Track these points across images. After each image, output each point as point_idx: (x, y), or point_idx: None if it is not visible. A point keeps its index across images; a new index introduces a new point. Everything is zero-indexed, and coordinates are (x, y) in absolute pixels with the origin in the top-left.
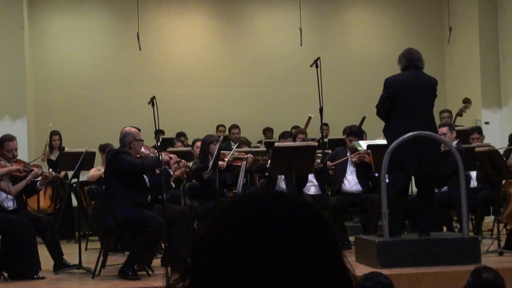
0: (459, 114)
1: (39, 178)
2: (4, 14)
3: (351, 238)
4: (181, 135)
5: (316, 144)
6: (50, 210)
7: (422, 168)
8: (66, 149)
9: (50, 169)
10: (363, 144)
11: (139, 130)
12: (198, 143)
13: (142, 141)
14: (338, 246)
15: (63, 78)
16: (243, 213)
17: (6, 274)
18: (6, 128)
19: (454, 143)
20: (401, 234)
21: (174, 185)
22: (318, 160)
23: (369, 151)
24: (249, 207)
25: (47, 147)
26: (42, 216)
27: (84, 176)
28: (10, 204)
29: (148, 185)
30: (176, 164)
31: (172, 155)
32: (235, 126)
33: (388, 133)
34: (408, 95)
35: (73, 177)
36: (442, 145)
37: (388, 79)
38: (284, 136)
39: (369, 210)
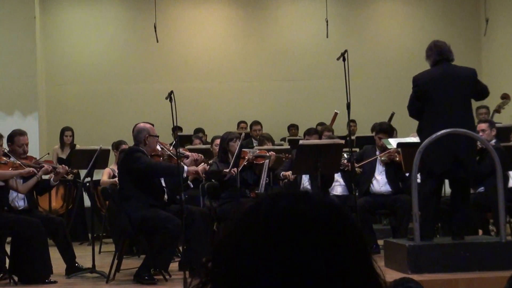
0: (497, 110)
1: (52, 175)
2: (14, 3)
3: (380, 242)
4: (199, 131)
5: (343, 141)
6: (62, 211)
7: (455, 168)
8: (78, 147)
9: (63, 164)
10: (393, 142)
11: (153, 125)
12: (218, 141)
13: (158, 136)
14: (367, 249)
15: (76, 72)
16: (265, 215)
17: (16, 278)
18: (17, 124)
19: (493, 141)
20: (433, 237)
21: (192, 185)
22: (345, 161)
23: (399, 149)
24: (271, 208)
25: (56, 153)
26: (53, 217)
27: (97, 175)
28: (20, 204)
29: (164, 184)
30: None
31: (194, 154)
32: (257, 123)
33: (421, 133)
34: (439, 91)
35: (86, 176)
36: (479, 142)
37: (415, 77)
38: (309, 133)
39: (399, 212)
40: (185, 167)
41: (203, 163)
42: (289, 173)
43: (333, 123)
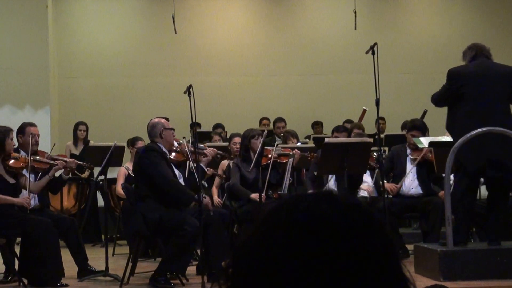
0: None
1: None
2: None
3: (410, 247)
4: (218, 127)
5: (371, 140)
6: (74, 210)
7: (490, 167)
8: (92, 143)
9: (72, 159)
10: (424, 141)
11: (168, 120)
12: (236, 139)
13: (173, 129)
14: (397, 254)
15: (90, 64)
16: (287, 216)
17: (25, 281)
18: (27, 118)
19: None
20: (467, 242)
21: (207, 185)
22: (372, 163)
23: (431, 149)
24: (294, 209)
25: (69, 149)
26: (65, 217)
27: (112, 173)
28: (31, 202)
29: (183, 183)
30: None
31: (212, 151)
32: (280, 119)
33: (453, 131)
34: (476, 87)
35: (99, 174)
36: None
37: (451, 71)
38: (338, 130)
39: (430, 215)
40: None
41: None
42: None
43: (362, 121)
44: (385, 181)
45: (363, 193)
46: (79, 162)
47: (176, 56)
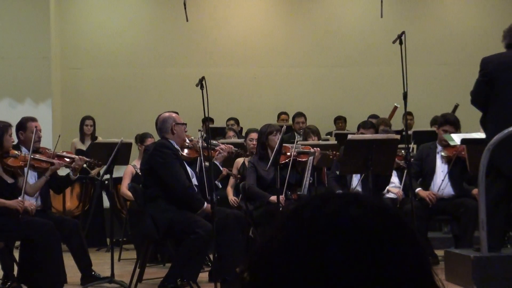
0: None
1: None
2: None
3: (440, 252)
4: (230, 120)
5: (398, 137)
6: (77, 212)
7: None
8: (99, 139)
9: (80, 156)
10: (456, 138)
11: (177, 113)
12: (253, 135)
13: (185, 124)
14: (427, 260)
15: (95, 54)
16: (310, 220)
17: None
18: (28, 113)
19: None
20: (502, 248)
21: (220, 185)
22: (400, 161)
23: (463, 146)
24: (317, 212)
25: (74, 147)
26: (68, 219)
27: (118, 172)
28: (33, 203)
29: (197, 182)
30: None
31: (227, 147)
32: (300, 114)
33: (486, 126)
34: (508, 79)
35: (105, 172)
36: None
37: (484, 59)
38: (365, 126)
39: (463, 218)
40: (205, 205)
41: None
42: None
43: (392, 118)
44: (420, 189)
45: (391, 195)
46: (87, 159)
47: (187, 46)
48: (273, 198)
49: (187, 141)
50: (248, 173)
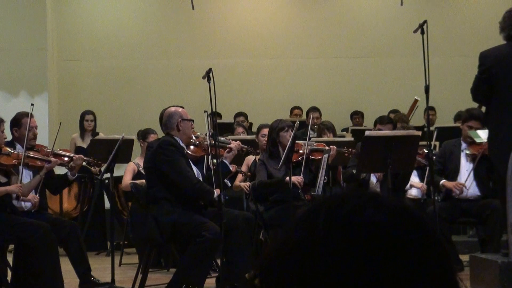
0: None
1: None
2: None
3: (464, 257)
4: (239, 115)
5: (420, 133)
6: (75, 213)
7: None
8: (101, 135)
9: (79, 155)
10: (482, 135)
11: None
12: (265, 130)
13: (192, 121)
14: (452, 266)
15: (94, 45)
16: (325, 222)
17: None
18: (23, 107)
19: None
20: None
21: (229, 184)
22: (422, 159)
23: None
24: (332, 215)
25: (74, 143)
26: (65, 221)
27: (119, 170)
28: (28, 204)
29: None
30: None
31: (237, 144)
32: (314, 109)
33: (488, 125)
34: (506, 74)
35: (105, 171)
36: None
37: (482, 54)
38: (382, 121)
39: (489, 221)
40: (215, 193)
41: (241, 175)
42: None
43: (412, 112)
44: (444, 180)
45: (413, 192)
46: (86, 158)
47: (193, 36)
48: (294, 178)
49: (193, 137)
50: (258, 171)
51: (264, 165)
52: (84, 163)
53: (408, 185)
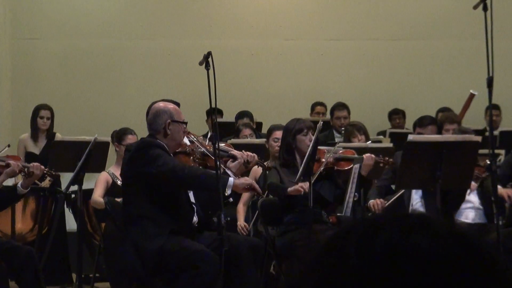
0: None
1: (19, 179)
2: None
3: None
4: (243, 116)
5: (479, 138)
6: (31, 237)
7: None
8: (58, 136)
9: (36, 163)
10: None
11: (179, 106)
12: (278, 133)
13: (186, 123)
14: None
15: (57, 20)
16: (359, 250)
17: None
18: None
19: None
20: None
21: (232, 199)
22: (479, 174)
23: None
24: (368, 240)
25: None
26: (19, 246)
27: (89, 182)
28: None
29: (194, 199)
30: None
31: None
32: (341, 106)
33: None
34: None
35: (71, 183)
36: None
37: None
38: (422, 123)
39: None
40: (231, 179)
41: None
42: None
43: (466, 111)
44: (500, 187)
45: (471, 214)
46: (45, 170)
47: (187, 10)
48: (295, 188)
49: (186, 141)
50: (269, 178)
51: (277, 173)
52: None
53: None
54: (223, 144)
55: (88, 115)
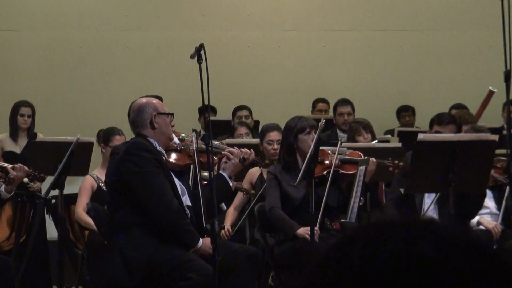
0: None
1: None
2: None
3: None
4: (241, 109)
5: (496, 137)
6: (8, 246)
7: None
8: (40, 136)
9: (19, 164)
10: None
11: (161, 100)
12: (273, 135)
13: (171, 115)
14: None
15: (36, 10)
16: (363, 257)
17: None
18: None
19: None
20: None
21: (225, 207)
22: (497, 176)
23: None
24: (373, 247)
25: (1, 146)
26: None
27: (72, 186)
28: None
29: (187, 203)
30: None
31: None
32: (345, 102)
33: None
34: None
35: (51, 187)
36: None
37: None
38: (441, 121)
39: None
40: (200, 242)
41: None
42: None
43: (485, 109)
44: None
45: (482, 227)
46: (29, 171)
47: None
48: (302, 230)
49: (176, 140)
50: (268, 190)
51: (276, 180)
52: (25, 179)
53: (474, 219)
54: (216, 143)
55: (70, 113)
